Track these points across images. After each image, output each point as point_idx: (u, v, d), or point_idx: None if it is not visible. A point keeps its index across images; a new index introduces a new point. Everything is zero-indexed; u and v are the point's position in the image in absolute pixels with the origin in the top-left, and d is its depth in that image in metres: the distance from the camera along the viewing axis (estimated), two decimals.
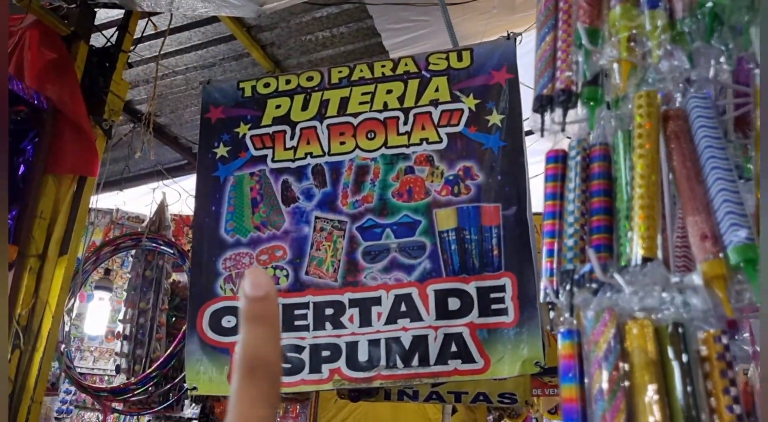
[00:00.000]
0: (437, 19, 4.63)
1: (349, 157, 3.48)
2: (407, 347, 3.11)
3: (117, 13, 4.07)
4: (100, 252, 4.32)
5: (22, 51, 3.64)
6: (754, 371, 1.28)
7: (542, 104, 1.25)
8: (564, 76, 1.23)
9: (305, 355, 3.22)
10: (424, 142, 3.41)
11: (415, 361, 3.09)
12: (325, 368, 3.18)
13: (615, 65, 1.12)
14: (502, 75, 3.41)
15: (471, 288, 3.14)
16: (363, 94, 3.56)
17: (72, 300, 4.05)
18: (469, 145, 3.35)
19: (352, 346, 3.17)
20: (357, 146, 3.49)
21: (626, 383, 0.94)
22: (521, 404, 5.44)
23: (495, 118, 3.35)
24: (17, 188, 3.39)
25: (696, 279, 0.95)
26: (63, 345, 4.00)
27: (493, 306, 3.09)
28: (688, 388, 0.91)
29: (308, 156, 3.54)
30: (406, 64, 3.57)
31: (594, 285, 1.05)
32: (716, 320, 0.95)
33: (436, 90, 3.47)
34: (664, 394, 0.93)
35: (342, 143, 3.51)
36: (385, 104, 3.51)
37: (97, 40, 3.89)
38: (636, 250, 1.00)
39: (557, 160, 1.24)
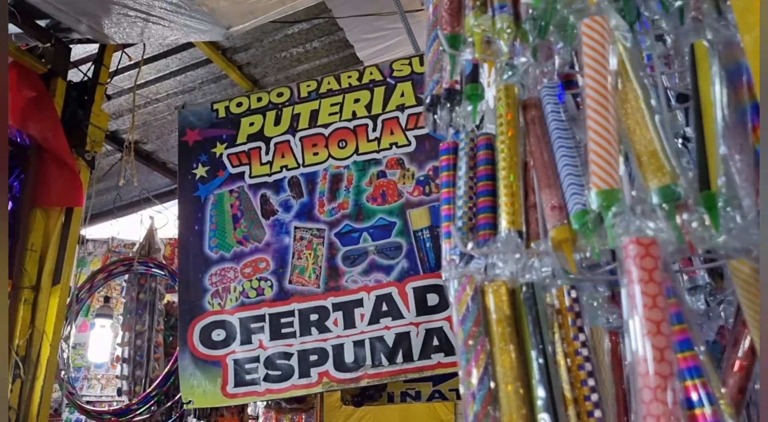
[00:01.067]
0: (411, 26, 4.75)
1: (323, 166, 3.60)
2: (391, 345, 3.21)
3: (92, 48, 4.21)
4: (94, 280, 4.44)
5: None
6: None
7: (432, 103, 1.38)
8: (448, 77, 1.35)
9: (294, 361, 3.33)
10: (394, 146, 3.52)
11: (400, 358, 3.19)
12: (314, 372, 3.29)
13: (485, 65, 1.25)
14: None
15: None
16: (332, 105, 3.69)
17: (69, 328, 4.17)
18: (437, 145, 3.43)
19: (338, 349, 3.28)
20: (330, 155, 3.61)
21: (484, 337, 1.06)
22: None
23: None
24: (7, 224, 3.51)
25: (546, 243, 1.06)
26: (63, 372, 4.11)
27: None
28: (538, 338, 1.02)
29: (284, 169, 3.66)
30: (371, 73, 3.69)
31: (477, 259, 1.17)
32: (566, 278, 1.07)
33: (402, 95, 3.59)
34: (517, 344, 1.04)
35: (315, 154, 3.63)
36: (354, 113, 3.63)
37: (76, 76, 4.03)
38: (503, 221, 1.11)
39: (449, 151, 1.38)
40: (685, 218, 0.93)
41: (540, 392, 1.00)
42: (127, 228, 6.37)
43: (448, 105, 1.34)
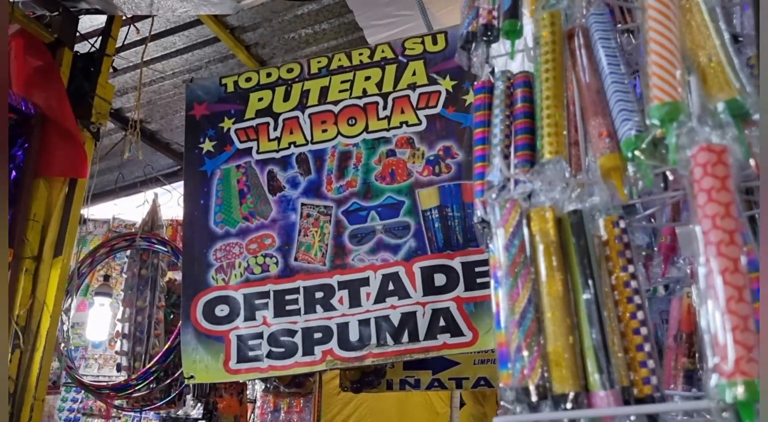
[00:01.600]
0: (420, 13, 4.71)
1: (332, 143, 3.56)
2: (396, 324, 3.17)
3: (100, 21, 4.16)
4: (96, 254, 4.39)
5: (9, 60, 3.72)
6: (696, 291, 1.34)
7: (467, 40, 1.33)
8: (486, 13, 1.30)
9: (298, 339, 3.28)
10: (404, 125, 3.48)
11: (405, 337, 3.15)
12: (318, 350, 3.25)
13: None
14: None
15: (456, 263, 3.20)
16: (342, 82, 3.64)
17: (69, 301, 4.12)
18: (448, 125, 3.42)
19: (343, 327, 3.24)
20: (339, 133, 3.56)
21: (529, 264, 1.02)
22: None
23: (472, 98, 3.39)
24: (10, 192, 3.46)
25: (594, 172, 1.02)
26: (63, 345, 4.07)
27: (479, 280, 3.15)
28: (587, 267, 0.98)
29: (292, 145, 3.61)
30: (383, 51, 3.65)
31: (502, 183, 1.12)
32: (614, 208, 1.02)
33: (413, 74, 3.54)
34: (566, 272, 1.00)
35: (324, 131, 3.58)
36: (364, 90, 3.59)
37: (83, 48, 3.98)
38: (544, 152, 1.07)
39: (484, 90, 1.33)
40: (752, 134, 0.88)
41: (588, 323, 0.96)
42: (129, 209, 6.32)
43: (484, 41, 1.28)
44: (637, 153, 0.96)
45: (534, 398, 0.99)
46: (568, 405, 0.95)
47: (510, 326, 1.04)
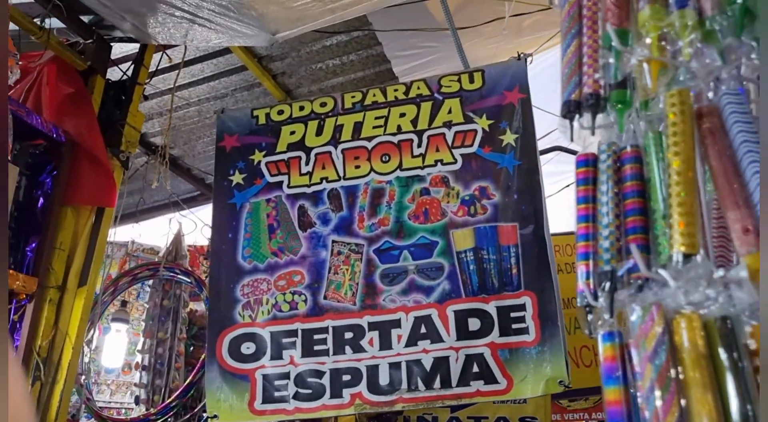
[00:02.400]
0: (445, 44, 4.69)
1: (365, 180, 3.50)
2: (428, 369, 3.08)
3: (132, 47, 4.15)
4: (118, 283, 4.34)
5: (41, 86, 3.70)
6: None
7: (570, 109, 1.26)
8: (591, 81, 1.24)
9: (326, 380, 3.20)
10: (439, 164, 3.42)
11: (437, 383, 3.06)
12: (346, 392, 3.16)
13: (645, 66, 1.13)
14: (515, 95, 3.44)
15: (491, 307, 3.12)
16: (377, 118, 3.60)
17: (91, 332, 4.06)
18: (484, 165, 3.36)
19: (373, 370, 3.15)
20: (372, 169, 3.51)
21: (679, 377, 0.93)
22: None
23: (509, 138, 3.36)
24: (36, 220, 3.42)
25: (741, 272, 0.94)
26: (83, 377, 3.99)
27: (514, 326, 3.07)
28: (741, 384, 0.90)
29: (324, 181, 3.56)
30: (418, 88, 3.61)
31: (638, 282, 1.04)
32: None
33: (449, 111, 3.50)
34: (716, 390, 0.92)
35: (357, 167, 3.53)
36: (399, 127, 3.54)
37: (113, 74, 3.96)
38: (677, 247, 0.99)
39: (588, 163, 1.25)
40: None
41: None
42: (147, 233, 6.27)
43: (590, 110, 1.22)
44: None
45: None
46: None
47: None
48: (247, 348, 3.36)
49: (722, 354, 0.92)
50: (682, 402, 0.92)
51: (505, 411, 5.44)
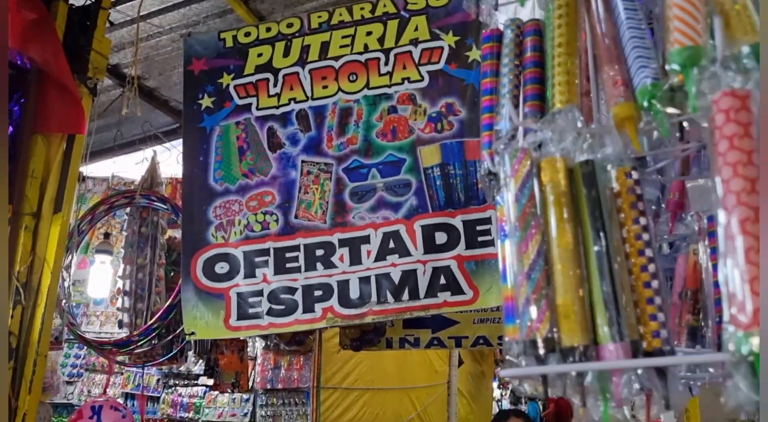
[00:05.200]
0: None
1: (332, 100, 3.50)
2: (397, 282, 3.17)
3: None
4: (95, 211, 4.37)
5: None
6: (702, 248, 1.33)
7: None
8: None
9: (298, 296, 3.29)
10: (406, 81, 3.42)
11: (405, 295, 3.15)
12: (318, 307, 3.25)
13: None
14: None
15: (457, 222, 3.19)
16: (343, 37, 3.57)
17: (70, 258, 4.12)
18: (451, 82, 3.36)
19: (344, 284, 3.24)
20: (339, 89, 3.51)
21: (539, 215, 1.00)
22: None
23: (475, 54, 3.35)
24: (7, 149, 3.43)
25: (608, 121, 0.99)
26: (64, 302, 4.08)
27: (480, 238, 3.14)
28: (598, 218, 0.96)
29: (292, 102, 3.56)
30: (384, 5, 3.56)
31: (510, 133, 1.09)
32: (627, 159, 1.00)
33: (416, 29, 3.47)
34: (576, 224, 0.98)
35: (324, 87, 3.53)
36: (366, 46, 3.52)
37: (78, 1, 3.89)
38: (555, 102, 1.04)
39: (492, 39, 1.29)
40: None
41: (598, 276, 0.94)
42: (128, 167, 6.28)
43: None
44: (653, 102, 0.93)
45: (542, 351, 0.98)
46: (577, 358, 0.93)
47: (518, 279, 1.02)
48: (221, 267, 3.44)
49: (584, 193, 0.97)
50: (542, 237, 0.98)
51: (485, 331, 5.61)
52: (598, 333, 0.95)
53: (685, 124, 1.00)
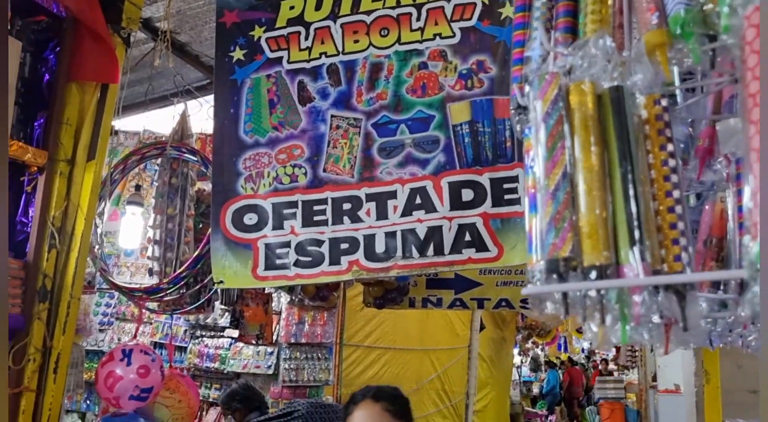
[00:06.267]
0: None
1: (363, 54, 3.49)
2: (422, 238, 3.19)
3: None
4: (127, 162, 4.45)
5: None
6: (730, 195, 1.32)
7: None
8: None
9: (325, 248, 3.33)
10: (438, 37, 3.39)
11: (430, 251, 3.18)
12: (344, 260, 3.30)
13: None
14: None
15: (484, 179, 3.19)
16: None
17: (102, 205, 4.21)
18: (482, 39, 3.33)
19: (370, 238, 3.27)
20: (370, 44, 3.49)
21: (567, 141, 1.00)
22: None
23: (508, 11, 3.30)
24: (42, 96, 3.49)
25: (639, 48, 0.99)
26: (97, 248, 4.19)
27: (506, 197, 3.14)
28: (625, 143, 0.96)
29: (323, 56, 3.56)
30: None
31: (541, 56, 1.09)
32: (657, 87, 0.99)
33: None
34: (602, 147, 0.98)
35: (356, 41, 3.51)
36: (398, 1, 3.49)
37: None
38: (587, 30, 1.04)
39: None
40: None
41: (623, 198, 0.95)
42: (159, 121, 6.36)
43: None
44: (685, 28, 0.92)
45: (563, 269, 0.99)
46: (597, 276, 0.95)
47: (545, 197, 1.03)
48: (250, 218, 3.49)
49: (612, 118, 0.98)
50: (569, 158, 0.99)
51: (507, 293, 5.64)
52: (620, 254, 0.96)
53: (718, 59, 1.00)
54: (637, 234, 0.94)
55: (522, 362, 20.13)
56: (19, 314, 3.21)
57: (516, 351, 16.09)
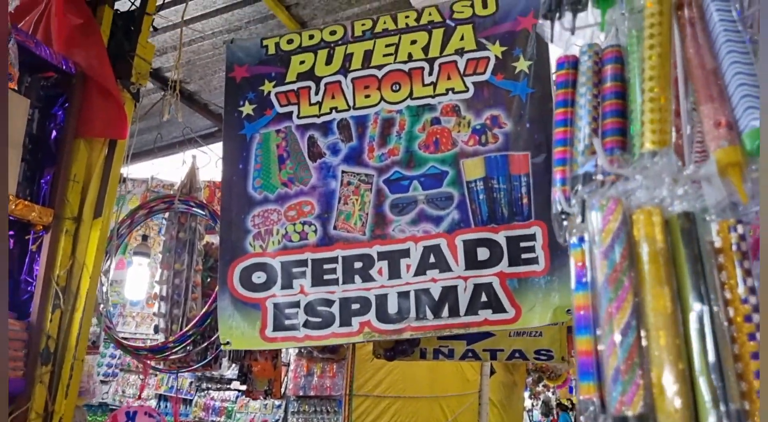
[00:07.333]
0: None
1: (375, 110, 3.44)
2: (437, 298, 3.09)
3: None
4: (135, 216, 4.39)
5: (49, 17, 3.67)
6: None
7: (551, 8, 1.19)
8: None
9: (335, 309, 3.23)
10: (450, 92, 3.35)
11: (445, 312, 3.07)
12: (355, 321, 3.19)
13: None
14: (529, 20, 3.31)
15: (500, 237, 3.10)
16: (387, 45, 3.50)
17: (108, 262, 4.14)
18: (496, 93, 3.27)
19: (382, 299, 3.17)
20: (382, 99, 3.45)
21: (632, 274, 0.90)
22: (557, 360, 5.41)
23: (522, 65, 3.26)
24: (50, 152, 3.45)
25: (710, 167, 0.89)
26: (102, 306, 4.10)
27: (524, 255, 3.04)
28: (700, 280, 0.85)
29: (333, 111, 3.51)
30: (429, 14, 3.49)
31: (600, 177, 1.00)
32: (731, 211, 0.89)
33: (461, 38, 3.39)
34: (674, 286, 0.88)
35: (367, 96, 3.47)
36: (410, 55, 3.45)
37: (122, 5, 3.91)
38: (646, 143, 0.94)
39: (568, 65, 1.19)
40: None
41: (699, 345, 0.84)
42: (167, 169, 6.33)
43: (571, 9, 1.14)
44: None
45: None
46: None
47: (608, 346, 0.91)
48: (258, 277, 3.40)
49: (683, 250, 0.88)
50: (636, 299, 0.89)
51: (521, 344, 5.50)
52: (701, 415, 0.84)
53: None
54: (720, 392, 0.82)
55: (533, 405, 19.76)
56: (20, 378, 3.11)
57: (527, 394, 15.80)
